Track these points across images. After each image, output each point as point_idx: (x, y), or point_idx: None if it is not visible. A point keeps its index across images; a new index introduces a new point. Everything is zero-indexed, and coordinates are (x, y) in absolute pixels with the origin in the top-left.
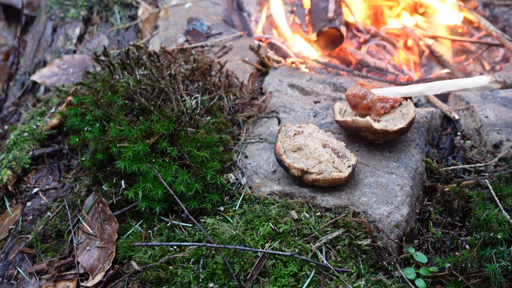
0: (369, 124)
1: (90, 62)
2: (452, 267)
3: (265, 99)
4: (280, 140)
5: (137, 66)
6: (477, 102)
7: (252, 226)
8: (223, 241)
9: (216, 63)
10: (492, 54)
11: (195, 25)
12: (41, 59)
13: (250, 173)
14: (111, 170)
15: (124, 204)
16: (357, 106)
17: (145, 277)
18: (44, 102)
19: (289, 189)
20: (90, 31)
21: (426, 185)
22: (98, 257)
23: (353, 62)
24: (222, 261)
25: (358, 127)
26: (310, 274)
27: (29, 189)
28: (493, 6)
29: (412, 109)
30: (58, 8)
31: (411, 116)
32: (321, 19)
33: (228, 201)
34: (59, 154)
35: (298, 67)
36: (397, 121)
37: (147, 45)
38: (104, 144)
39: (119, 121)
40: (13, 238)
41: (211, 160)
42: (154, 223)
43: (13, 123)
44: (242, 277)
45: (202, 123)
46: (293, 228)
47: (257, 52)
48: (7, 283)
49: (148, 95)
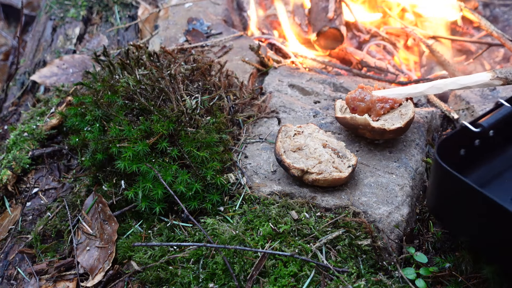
0: (367, 121)
1: (90, 62)
2: (452, 267)
3: (265, 99)
4: (280, 140)
5: (137, 66)
6: (477, 102)
7: (252, 226)
8: (223, 241)
9: (216, 63)
10: (492, 54)
11: (195, 25)
12: (41, 59)
13: (250, 173)
14: (111, 170)
15: (124, 204)
16: (356, 109)
17: (145, 277)
18: (44, 102)
19: (289, 189)
20: (90, 31)
21: (426, 185)
22: (98, 257)
23: (353, 62)
24: (222, 261)
25: (356, 125)
26: (310, 274)
27: (29, 189)
28: (493, 6)
29: (411, 109)
30: (58, 8)
31: (410, 116)
32: (321, 19)
33: (228, 201)
34: (59, 154)
35: (298, 67)
36: (395, 120)
37: (147, 45)
38: (104, 144)
39: (119, 121)
40: (13, 238)
41: (211, 160)
42: (154, 223)
43: (13, 123)
44: (242, 277)
45: (202, 123)
46: (293, 228)
47: (257, 52)
48: (7, 283)
49: (148, 95)
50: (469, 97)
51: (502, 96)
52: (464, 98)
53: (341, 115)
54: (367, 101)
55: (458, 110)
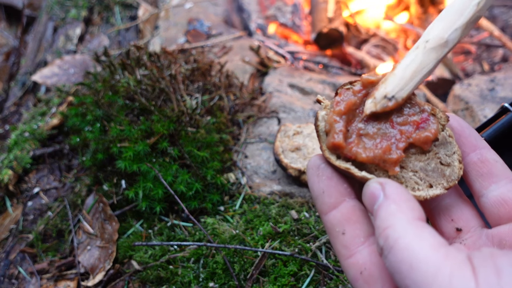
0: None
1: (90, 62)
2: None
3: (265, 99)
4: (279, 139)
5: (138, 66)
6: (476, 102)
7: (252, 225)
8: (223, 241)
9: (216, 63)
10: (491, 54)
11: (196, 26)
12: (42, 59)
13: (250, 172)
14: (112, 170)
15: (125, 203)
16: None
17: (146, 277)
18: (45, 102)
19: (289, 188)
20: (91, 31)
21: None
22: (99, 257)
23: (353, 62)
24: (222, 261)
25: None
26: (310, 274)
27: (30, 188)
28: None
29: (457, 155)
30: (59, 9)
31: (457, 174)
32: (321, 19)
33: (228, 201)
34: (60, 154)
35: (298, 68)
36: (431, 176)
37: (148, 46)
38: (105, 144)
39: (119, 121)
40: (14, 237)
41: (212, 160)
42: (155, 222)
43: (14, 123)
44: (242, 277)
45: (203, 123)
46: (293, 228)
47: (257, 52)
48: (8, 283)
49: (149, 95)
50: (468, 97)
51: (502, 96)
52: (463, 98)
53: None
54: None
55: (457, 110)
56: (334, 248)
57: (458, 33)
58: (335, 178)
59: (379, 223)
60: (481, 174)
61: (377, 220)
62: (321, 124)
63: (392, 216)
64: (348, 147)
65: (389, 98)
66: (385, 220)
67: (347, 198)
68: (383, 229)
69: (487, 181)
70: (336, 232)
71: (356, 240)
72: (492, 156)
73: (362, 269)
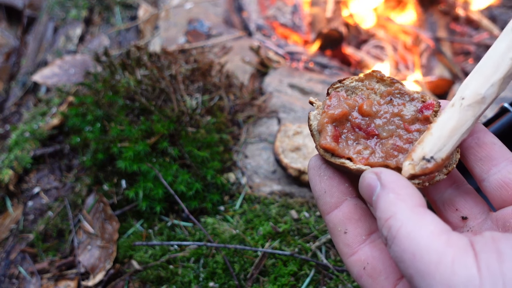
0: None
1: (91, 63)
2: None
3: (265, 99)
4: (279, 139)
5: (138, 66)
6: None
7: (252, 225)
8: (223, 241)
9: (216, 63)
10: None
11: (196, 26)
12: (42, 59)
13: (250, 172)
14: (112, 169)
15: (125, 203)
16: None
17: (146, 276)
18: (45, 102)
19: (288, 188)
20: (91, 31)
21: None
22: (99, 257)
23: (353, 62)
24: (222, 261)
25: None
26: (310, 273)
27: (30, 188)
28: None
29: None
30: (59, 9)
31: (455, 158)
32: (320, 20)
33: (228, 201)
34: (60, 154)
35: (298, 68)
36: None
37: (148, 46)
38: (105, 144)
39: (120, 121)
40: (15, 237)
41: (212, 160)
42: (155, 222)
43: (15, 123)
44: (242, 276)
45: (203, 123)
46: (292, 228)
47: (257, 52)
48: (9, 282)
49: (149, 95)
50: None
51: (501, 96)
52: None
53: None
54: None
55: None
56: (337, 247)
57: (495, 88)
58: (336, 177)
59: (380, 214)
60: (480, 158)
61: (378, 211)
62: (314, 123)
63: (393, 205)
64: (340, 150)
65: (427, 159)
66: (386, 211)
67: (348, 197)
68: (385, 220)
69: (486, 165)
70: (338, 231)
71: (358, 238)
72: (489, 139)
73: (365, 264)
